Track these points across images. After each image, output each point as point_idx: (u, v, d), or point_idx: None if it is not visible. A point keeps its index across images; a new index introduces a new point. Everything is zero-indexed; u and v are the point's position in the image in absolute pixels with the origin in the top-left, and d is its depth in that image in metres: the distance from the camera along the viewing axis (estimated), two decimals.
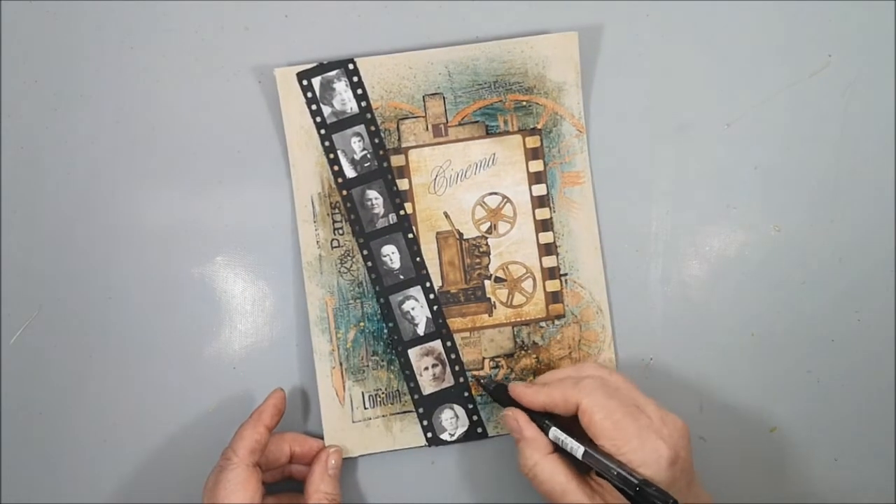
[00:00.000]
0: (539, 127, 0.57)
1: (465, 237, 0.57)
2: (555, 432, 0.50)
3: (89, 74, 0.57)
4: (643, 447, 0.47)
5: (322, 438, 0.56)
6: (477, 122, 0.57)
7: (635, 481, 0.45)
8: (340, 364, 0.56)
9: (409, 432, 0.56)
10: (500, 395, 0.54)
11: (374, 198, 0.56)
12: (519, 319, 0.57)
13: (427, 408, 0.56)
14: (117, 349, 0.57)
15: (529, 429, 0.51)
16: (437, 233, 0.57)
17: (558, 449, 0.50)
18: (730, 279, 0.57)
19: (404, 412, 0.56)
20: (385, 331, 0.56)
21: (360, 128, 0.56)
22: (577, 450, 0.48)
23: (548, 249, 0.57)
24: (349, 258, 0.56)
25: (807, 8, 0.58)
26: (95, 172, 0.57)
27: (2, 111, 0.57)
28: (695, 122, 0.58)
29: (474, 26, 0.57)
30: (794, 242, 0.58)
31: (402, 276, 0.56)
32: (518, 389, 0.52)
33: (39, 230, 0.57)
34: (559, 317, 0.57)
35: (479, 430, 0.56)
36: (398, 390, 0.56)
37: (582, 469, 0.49)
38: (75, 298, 0.57)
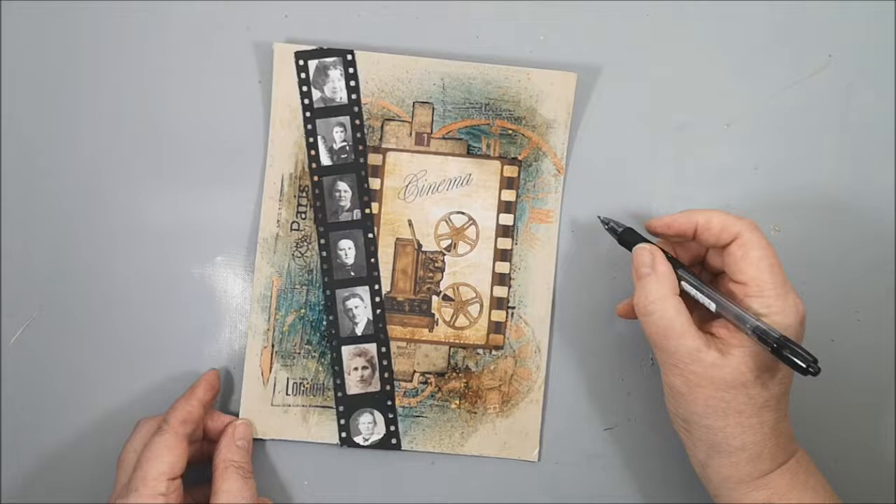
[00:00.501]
0: (520, 158, 0.57)
1: (423, 249, 0.57)
2: (688, 278, 0.49)
3: (89, 74, 0.57)
4: (786, 297, 0.46)
5: (237, 417, 0.55)
6: (460, 139, 0.57)
7: (775, 335, 0.44)
8: (272, 345, 0.56)
9: (324, 427, 0.56)
10: (629, 239, 0.52)
11: (344, 190, 0.56)
12: (458, 341, 0.57)
13: (347, 408, 0.56)
14: (117, 349, 0.56)
15: (664, 265, 0.49)
16: (398, 239, 0.57)
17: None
18: None
19: (324, 407, 0.56)
20: (324, 323, 0.56)
21: (345, 119, 0.56)
22: (712, 296, 0.47)
23: (501, 279, 0.57)
24: (305, 244, 0.56)
25: (807, 8, 0.58)
26: (95, 172, 0.57)
27: (2, 111, 0.56)
28: (695, 122, 0.58)
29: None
30: (794, 242, 0.58)
31: (352, 273, 0.56)
32: (665, 217, 0.51)
33: (39, 230, 0.56)
34: (497, 347, 0.57)
35: (394, 440, 0.56)
36: (323, 384, 0.56)
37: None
38: (75, 298, 0.56)
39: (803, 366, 0.43)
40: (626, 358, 0.57)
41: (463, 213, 0.57)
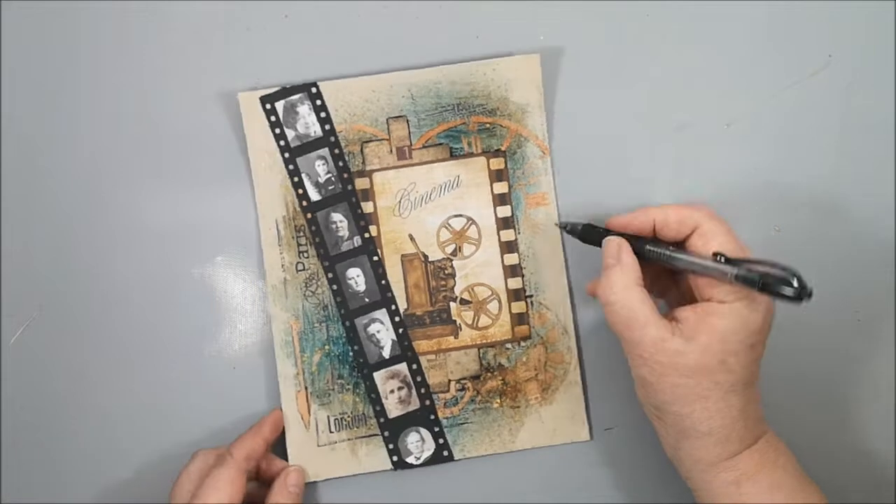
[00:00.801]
0: (503, 149, 0.57)
1: (430, 259, 0.57)
2: (655, 245, 0.49)
3: (89, 74, 0.57)
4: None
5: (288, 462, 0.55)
6: (441, 144, 0.57)
7: (756, 276, 0.43)
8: (306, 388, 0.56)
9: (375, 456, 0.56)
10: (591, 235, 0.52)
11: (339, 221, 0.56)
12: (485, 341, 0.57)
13: (393, 431, 0.56)
14: (117, 349, 0.57)
15: (629, 256, 0.49)
16: (403, 255, 0.57)
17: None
18: None
19: (370, 436, 0.56)
20: (350, 354, 0.56)
21: (324, 151, 0.56)
22: (687, 261, 0.47)
23: (513, 271, 0.57)
24: (314, 281, 0.56)
25: (807, 8, 0.58)
26: (95, 172, 0.57)
27: (2, 111, 0.57)
28: (695, 122, 0.58)
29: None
30: (794, 242, 0.57)
31: (367, 299, 0.56)
32: (623, 217, 0.51)
33: (39, 230, 0.57)
34: (525, 338, 0.57)
35: (446, 452, 0.56)
36: (364, 413, 0.56)
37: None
38: (75, 298, 0.56)
39: (793, 294, 0.42)
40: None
41: (461, 216, 0.57)
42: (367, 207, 0.56)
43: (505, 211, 0.57)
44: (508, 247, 0.57)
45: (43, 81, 0.57)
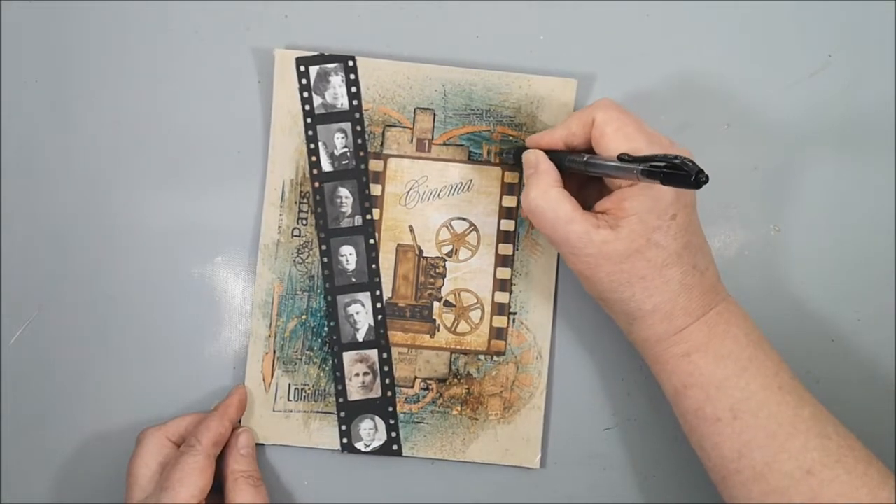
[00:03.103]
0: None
1: (424, 255, 0.57)
2: (573, 155, 0.49)
3: (89, 74, 0.57)
4: (650, 151, 0.46)
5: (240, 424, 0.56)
6: (461, 145, 0.57)
7: (661, 163, 0.42)
8: (274, 351, 0.56)
9: (326, 434, 0.56)
10: (519, 156, 0.54)
11: (345, 196, 0.56)
12: (459, 347, 0.57)
13: (349, 414, 0.56)
14: (117, 349, 0.57)
15: (545, 163, 0.50)
16: (399, 245, 0.57)
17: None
18: (730, 279, 0.56)
19: (325, 412, 0.56)
20: (325, 329, 0.56)
21: (346, 125, 0.56)
22: (607, 159, 0.47)
23: (503, 285, 0.57)
24: (306, 250, 0.56)
25: (807, 8, 0.58)
26: (95, 172, 0.57)
27: (2, 111, 0.57)
28: (695, 122, 0.57)
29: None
30: (794, 242, 0.57)
31: (354, 279, 0.56)
32: (535, 135, 0.52)
33: (39, 230, 0.57)
34: (499, 353, 0.57)
35: (395, 447, 0.56)
36: (325, 390, 0.56)
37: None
38: (75, 298, 0.57)
39: (691, 182, 0.41)
40: (625, 358, 0.57)
41: (464, 219, 0.57)
42: (375, 190, 0.56)
43: (509, 225, 0.57)
44: (504, 260, 0.57)
45: (43, 81, 0.57)
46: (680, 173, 0.41)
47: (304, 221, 0.56)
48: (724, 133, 0.58)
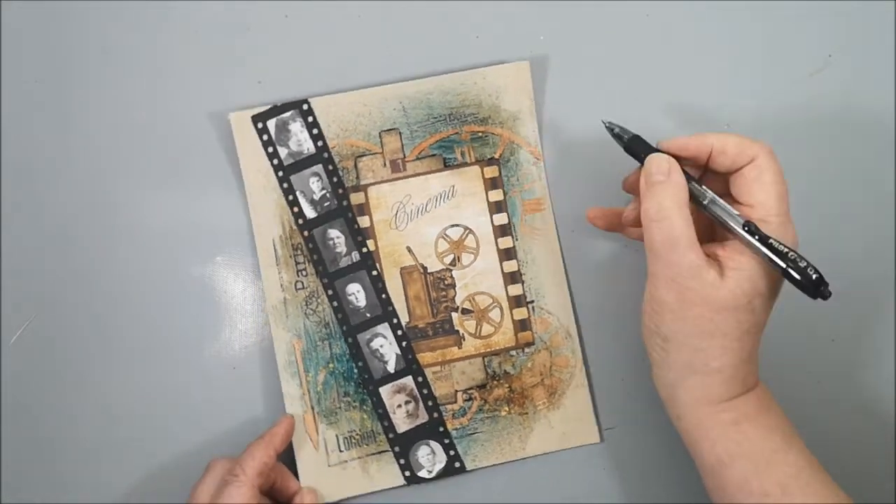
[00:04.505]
0: (496, 157, 0.57)
1: (429, 271, 0.57)
2: (713, 195, 0.48)
3: (89, 74, 0.56)
4: (787, 227, 0.46)
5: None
6: (434, 155, 0.57)
7: (792, 255, 0.43)
8: (312, 408, 0.55)
9: (387, 472, 0.55)
10: (636, 148, 0.50)
11: (336, 237, 0.56)
12: (489, 350, 0.57)
13: (403, 446, 0.55)
14: (117, 349, 0.56)
15: (679, 175, 0.47)
16: (402, 268, 0.56)
17: None
18: None
19: (380, 452, 0.55)
20: (355, 370, 0.56)
21: (318, 167, 0.56)
22: (728, 212, 0.46)
23: (513, 278, 0.57)
24: (314, 299, 0.56)
25: (807, 8, 0.59)
26: (95, 172, 0.56)
27: (2, 111, 0.56)
28: (695, 121, 0.58)
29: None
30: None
31: (368, 314, 0.56)
32: (679, 139, 0.49)
33: (39, 230, 0.56)
34: (529, 344, 0.57)
35: (458, 464, 0.56)
36: (372, 430, 0.56)
37: None
38: (75, 298, 0.56)
39: (813, 284, 0.43)
40: (626, 358, 0.57)
41: (458, 225, 0.57)
42: (364, 222, 0.56)
43: (501, 218, 0.57)
44: (507, 254, 0.57)
45: (43, 81, 0.56)
46: (801, 281, 0.43)
47: (304, 272, 0.56)
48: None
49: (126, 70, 0.57)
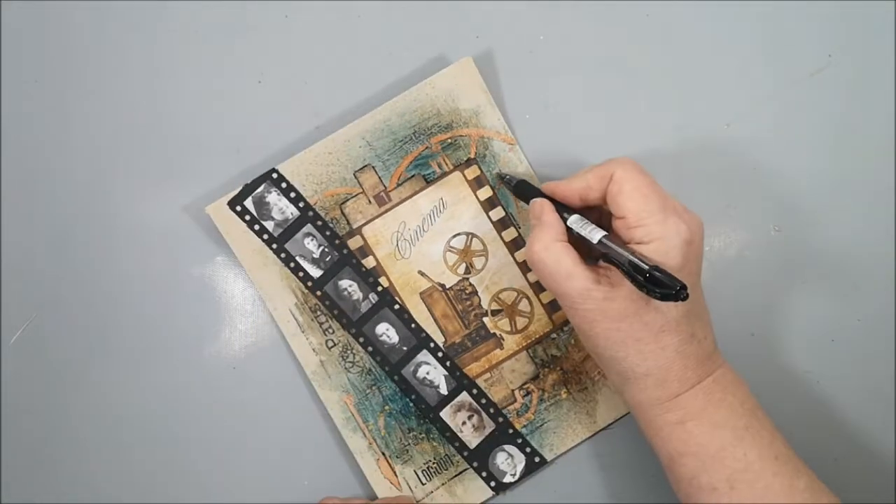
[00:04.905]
0: (472, 156, 0.57)
1: (447, 287, 0.57)
2: (575, 219, 0.49)
3: (89, 74, 0.57)
4: (665, 222, 0.47)
5: None
6: (413, 176, 0.56)
7: (646, 266, 0.44)
8: (383, 454, 0.56)
9: (473, 489, 0.56)
10: (524, 192, 0.53)
11: (349, 286, 0.56)
12: (530, 341, 0.57)
13: (480, 459, 0.56)
14: (117, 349, 0.56)
15: (550, 215, 0.50)
16: (420, 293, 0.57)
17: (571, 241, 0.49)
18: (730, 279, 0.57)
19: (461, 472, 0.56)
20: (411, 405, 0.56)
21: (308, 227, 0.56)
22: (595, 234, 0.48)
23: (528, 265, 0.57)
24: (349, 352, 0.56)
25: (807, 8, 0.57)
26: (95, 172, 0.57)
27: (2, 111, 0.57)
28: (695, 122, 0.57)
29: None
30: (794, 242, 0.57)
31: (405, 348, 0.56)
32: (552, 184, 0.51)
33: (39, 230, 0.57)
34: (565, 322, 0.57)
35: (537, 459, 0.56)
36: (446, 455, 0.56)
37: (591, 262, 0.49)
38: (75, 298, 0.56)
39: (663, 292, 0.43)
40: None
41: (459, 234, 0.57)
42: (369, 262, 0.56)
43: (498, 213, 0.57)
44: (515, 244, 0.57)
45: (43, 81, 0.57)
46: (657, 290, 0.43)
47: (330, 329, 0.56)
48: (724, 133, 0.57)
49: (126, 70, 0.57)
